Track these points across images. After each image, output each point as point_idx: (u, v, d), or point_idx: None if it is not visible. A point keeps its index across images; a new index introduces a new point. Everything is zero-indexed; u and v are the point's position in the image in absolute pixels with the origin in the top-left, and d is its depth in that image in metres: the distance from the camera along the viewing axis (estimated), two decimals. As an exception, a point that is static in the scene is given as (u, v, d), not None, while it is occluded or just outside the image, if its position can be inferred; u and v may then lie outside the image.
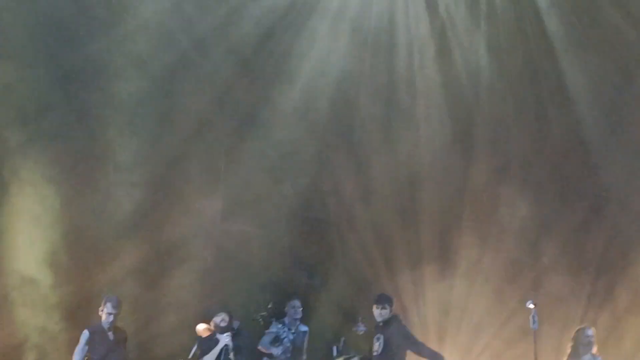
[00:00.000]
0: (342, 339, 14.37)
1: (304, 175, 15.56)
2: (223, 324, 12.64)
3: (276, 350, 13.77)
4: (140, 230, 14.68)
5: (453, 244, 15.53)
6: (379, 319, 12.97)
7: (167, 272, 14.77)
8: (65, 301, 14.18)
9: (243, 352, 12.69)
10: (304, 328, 14.27)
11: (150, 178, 14.76)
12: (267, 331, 13.89)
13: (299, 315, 14.13)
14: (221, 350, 12.54)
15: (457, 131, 15.66)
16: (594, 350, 12.65)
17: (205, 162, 15.04)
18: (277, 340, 13.85)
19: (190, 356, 13.52)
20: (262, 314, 14.17)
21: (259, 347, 13.73)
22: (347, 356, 13.88)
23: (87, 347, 12.31)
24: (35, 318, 14.14)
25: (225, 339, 12.53)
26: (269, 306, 14.37)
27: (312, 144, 15.56)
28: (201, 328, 13.26)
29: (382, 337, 12.87)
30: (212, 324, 12.75)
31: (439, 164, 15.68)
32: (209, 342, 12.69)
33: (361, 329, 14.53)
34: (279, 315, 14.17)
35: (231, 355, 12.53)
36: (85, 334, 12.37)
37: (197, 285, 14.73)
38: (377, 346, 12.88)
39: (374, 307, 12.95)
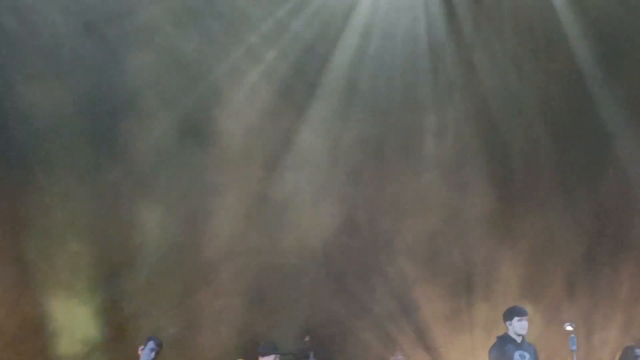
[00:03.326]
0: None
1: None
2: None
3: None
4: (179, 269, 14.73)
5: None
6: (523, 332, 11.76)
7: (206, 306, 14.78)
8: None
9: None
10: None
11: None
12: None
13: None
14: None
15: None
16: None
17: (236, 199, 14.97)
18: None
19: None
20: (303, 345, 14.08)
21: None
22: None
23: None
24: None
25: None
26: (306, 339, 14.28)
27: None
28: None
29: (527, 355, 11.72)
30: None
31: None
32: None
33: (400, 358, 14.46)
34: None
35: None
36: None
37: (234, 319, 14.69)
38: None
39: (515, 319, 11.72)
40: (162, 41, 14.53)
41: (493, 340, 14.03)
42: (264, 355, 12.38)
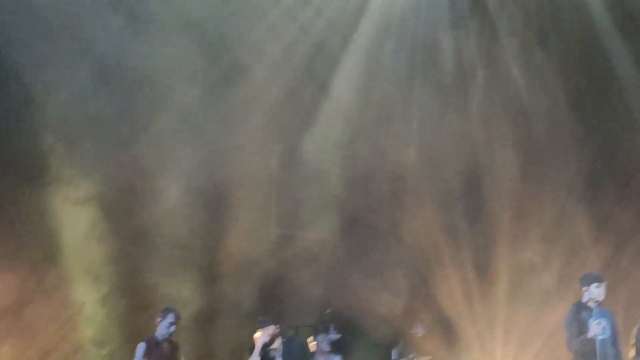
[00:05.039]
0: (400, 342, 14.37)
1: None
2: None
3: None
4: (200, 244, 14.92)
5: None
6: (600, 299, 11.49)
7: (228, 283, 14.96)
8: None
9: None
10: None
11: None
12: None
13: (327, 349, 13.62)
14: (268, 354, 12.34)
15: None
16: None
17: (257, 175, 15.13)
18: None
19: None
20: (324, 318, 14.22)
21: None
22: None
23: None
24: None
25: (263, 337, 12.19)
26: (327, 311, 14.42)
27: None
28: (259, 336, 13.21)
29: (603, 321, 11.36)
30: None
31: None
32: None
33: (420, 330, 14.58)
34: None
35: None
36: (142, 346, 12.29)
37: (256, 294, 14.89)
38: (601, 330, 11.28)
39: (593, 285, 11.46)
40: (186, 16, 14.66)
41: (509, 313, 14.28)
42: (262, 327, 12.28)
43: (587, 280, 11.55)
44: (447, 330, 15.19)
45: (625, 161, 15.76)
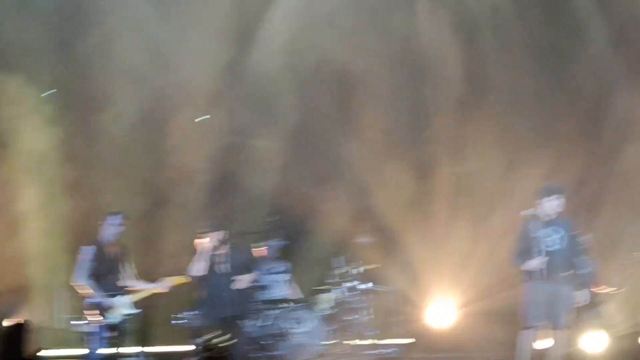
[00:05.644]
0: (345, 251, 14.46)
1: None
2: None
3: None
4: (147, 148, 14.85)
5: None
6: (556, 210, 11.21)
7: (172, 190, 14.95)
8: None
9: (238, 266, 12.36)
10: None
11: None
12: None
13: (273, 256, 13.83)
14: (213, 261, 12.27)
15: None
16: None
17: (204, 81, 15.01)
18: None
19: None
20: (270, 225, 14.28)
21: None
22: None
23: (91, 264, 11.76)
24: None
25: (211, 242, 12.16)
26: (273, 219, 14.48)
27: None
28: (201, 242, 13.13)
29: (561, 231, 11.19)
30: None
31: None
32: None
33: (365, 240, 14.68)
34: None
35: (221, 267, 12.26)
36: (91, 248, 11.80)
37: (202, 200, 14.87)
38: (557, 240, 11.15)
39: (544, 199, 11.11)
40: None
41: (453, 222, 14.37)
42: (209, 233, 12.22)
43: (546, 192, 11.22)
44: (391, 239, 15.34)
45: (571, 70, 15.86)
